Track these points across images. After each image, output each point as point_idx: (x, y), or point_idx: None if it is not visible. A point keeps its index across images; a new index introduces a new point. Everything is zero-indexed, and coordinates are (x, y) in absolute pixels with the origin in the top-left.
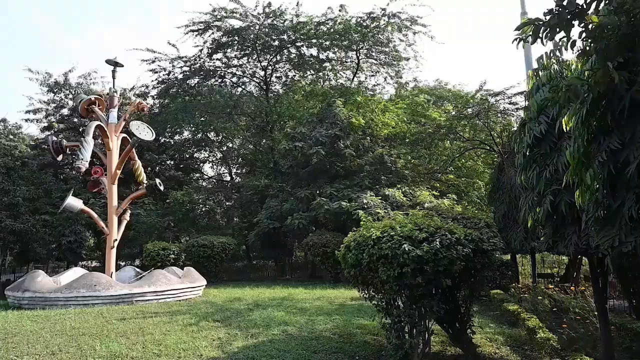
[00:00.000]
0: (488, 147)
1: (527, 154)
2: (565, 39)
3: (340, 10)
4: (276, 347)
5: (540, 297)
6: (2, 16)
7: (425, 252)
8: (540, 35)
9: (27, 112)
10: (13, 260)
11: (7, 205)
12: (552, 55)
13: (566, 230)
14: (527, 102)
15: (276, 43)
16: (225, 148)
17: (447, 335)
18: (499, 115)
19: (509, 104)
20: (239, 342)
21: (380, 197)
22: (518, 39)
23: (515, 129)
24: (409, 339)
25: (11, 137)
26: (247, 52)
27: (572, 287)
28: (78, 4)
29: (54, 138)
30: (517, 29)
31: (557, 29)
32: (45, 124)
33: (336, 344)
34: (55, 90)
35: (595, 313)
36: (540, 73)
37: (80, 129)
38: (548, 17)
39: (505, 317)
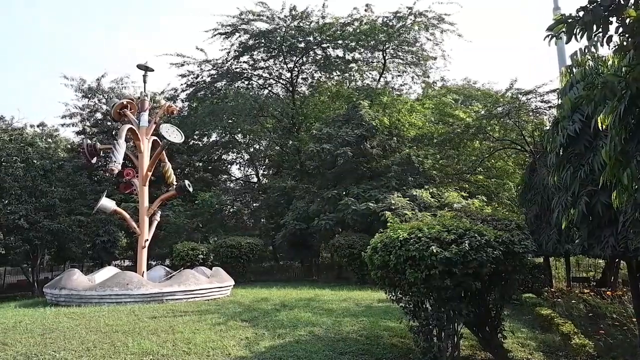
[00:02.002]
0: (519, 147)
1: (561, 153)
2: (600, 35)
3: (366, 10)
4: (303, 348)
5: (575, 302)
6: (37, 27)
7: (454, 254)
8: (575, 32)
9: (63, 117)
10: (50, 259)
11: (45, 206)
12: (586, 51)
13: (602, 232)
14: (560, 100)
15: (302, 45)
16: (252, 150)
17: (477, 339)
18: (531, 114)
19: (541, 102)
20: (266, 342)
21: (407, 198)
22: (550, 36)
23: (547, 128)
24: (437, 343)
25: (49, 140)
26: (273, 54)
27: (609, 292)
28: (109, 13)
29: (89, 141)
30: (549, 29)
31: (593, 26)
32: (80, 128)
33: (363, 346)
34: (89, 96)
35: (634, 319)
36: (574, 70)
37: (113, 132)
38: (582, 14)
39: (538, 322)
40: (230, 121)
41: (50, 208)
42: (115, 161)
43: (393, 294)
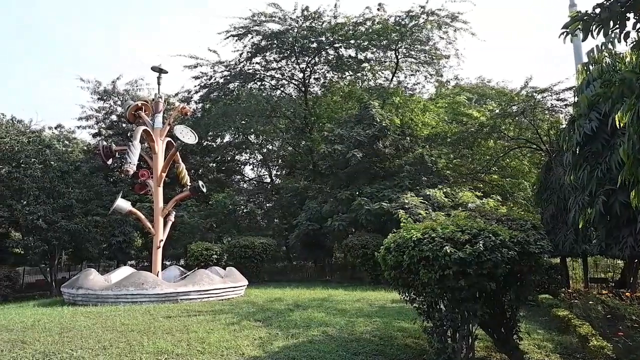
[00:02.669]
0: (534, 146)
1: (577, 152)
2: (617, 31)
3: (378, 10)
4: (316, 348)
5: (593, 303)
6: (52, 30)
7: (468, 254)
8: (591, 29)
9: (80, 119)
10: (68, 259)
11: (62, 207)
12: (603, 48)
13: (621, 232)
14: (576, 98)
15: (314, 45)
16: (265, 150)
17: (492, 340)
18: (546, 112)
19: (557, 100)
20: (280, 342)
21: (420, 198)
22: (566, 34)
23: (563, 126)
24: (452, 344)
25: (66, 142)
26: (285, 54)
27: (628, 293)
28: (126, 14)
29: (104, 143)
30: (565, 26)
31: (610, 23)
32: (96, 130)
33: (376, 347)
34: (104, 98)
35: None
36: (590, 67)
37: (128, 134)
38: (598, 11)
39: (555, 324)
40: (243, 122)
41: (68, 209)
42: (130, 162)
43: (407, 294)
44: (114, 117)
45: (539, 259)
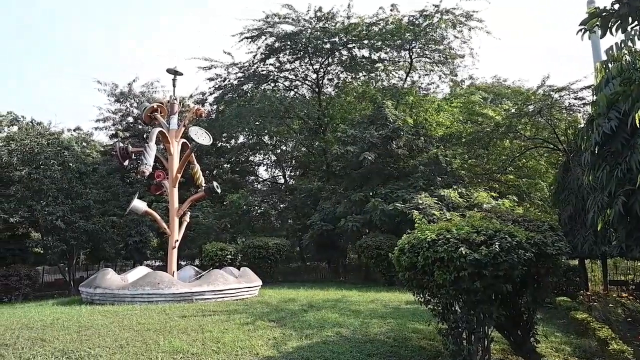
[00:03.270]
0: (552, 146)
1: (596, 152)
2: (637, 28)
3: (391, 10)
4: (330, 349)
5: (613, 306)
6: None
7: (484, 255)
8: (610, 26)
9: (97, 120)
10: (86, 259)
11: (80, 208)
12: (623, 45)
13: None
14: (595, 97)
15: (328, 46)
16: (278, 151)
17: (509, 343)
18: (564, 111)
19: (575, 99)
20: (294, 342)
21: (435, 198)
22: (583, 30)
23: (581, 125)
24: (467, 346)
25: (84, 144)
26: (299, 55)
27: None
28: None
29: (121, 144)
30: (583, 23)
31: (629, 19)
32: (113, 132)
33: (391, 348)
34: (121, 100)
35: None
36: (609, 65)
37: (144, 136)
38: (617, 7)
39: (573, 326)
40: (257, 123)
41: (85, 209)
42: (146, 163)
43: (421, 295)
44: (130, 119)
45: (557, 260)
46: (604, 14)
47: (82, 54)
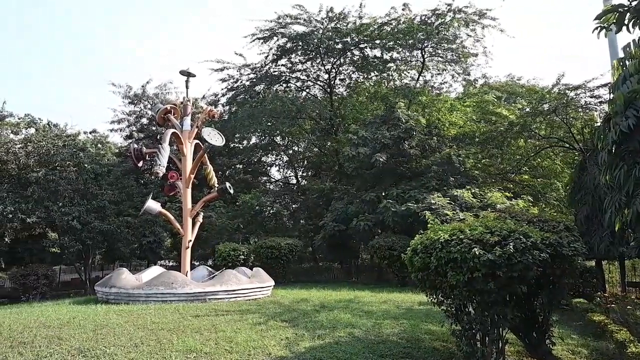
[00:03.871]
0: (567, 145)
1: (613, 151)
2: None
3: (403, 9)
4: (342, 349)
5: (631, 308)
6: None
7: (498, 256)
8: (626, 22)
9: (112, 122)
10: (101, 259)
11: (96, 208)
12: None
13: None
14: (612, 95)
15: (339, 46)
16: (291, 151)
17: (524, 345)
18: (580, 110)
19: (591, 97)
20: (306, 343)
21: (448, 199)
22: (599, 28)
23: (598, 124)
24: (481, 347)
25: (99, 146)
26: (310, 56)
27: None
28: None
29: (135, 145)
30: (598, 17)
31: None
32: (127, 133)
33: (403, 349)
34: (135, 102)
35: None
36: (627, 63)
37: (158, 137)
38: (634, 3)
39: (590, 329)
40: (269, 124)
41: (101, 210)
42: (160, 164)
43: (434, 296)
44: (144, 121)
45: (573, 261)
46: (620, 9)
47: (82, 54)
